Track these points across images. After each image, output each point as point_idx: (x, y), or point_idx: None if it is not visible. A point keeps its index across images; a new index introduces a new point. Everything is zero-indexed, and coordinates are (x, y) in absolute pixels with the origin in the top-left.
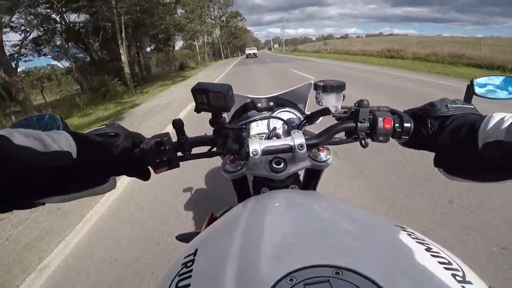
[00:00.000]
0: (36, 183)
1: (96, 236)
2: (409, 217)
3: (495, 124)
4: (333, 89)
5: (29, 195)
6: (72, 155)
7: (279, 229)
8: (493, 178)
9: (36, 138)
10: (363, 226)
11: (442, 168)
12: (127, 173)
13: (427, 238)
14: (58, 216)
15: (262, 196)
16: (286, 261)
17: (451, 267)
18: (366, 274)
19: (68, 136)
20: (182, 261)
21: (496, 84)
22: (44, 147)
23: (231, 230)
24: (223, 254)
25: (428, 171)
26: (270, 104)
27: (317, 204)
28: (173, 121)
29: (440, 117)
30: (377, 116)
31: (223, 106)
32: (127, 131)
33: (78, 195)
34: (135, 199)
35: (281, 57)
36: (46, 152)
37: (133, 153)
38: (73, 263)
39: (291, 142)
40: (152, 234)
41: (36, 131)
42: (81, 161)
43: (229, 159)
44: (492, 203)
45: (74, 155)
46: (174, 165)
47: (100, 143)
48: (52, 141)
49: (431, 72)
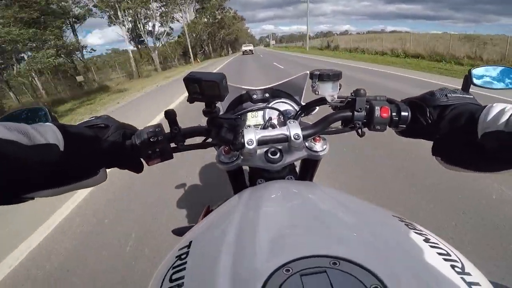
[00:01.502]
0: (24, 177)
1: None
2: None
3: (495, 114)
4: (330, 78)
5: (17, 189)
6: (59, 148)
7: (275, 220)
8: (492, 169)
9: (21, 132)
10: (360, 216)
11: (440, 157)
12: (118, 166)
13: (426, 229)
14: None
15: (258, 187)
16: (282, 251)
17: (450, 258)
18: (364, 264)
19: (54, 129)
20: (176, 254)
21: (494, 74)
22: (30, 140)
23: (226, 222)
24: (217, 246)
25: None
26: (266, 95)
27: (314, 194)
28: (165, 111)
29: (439, 106)
30: (374, 105)
31: (217, 95)
32: (117, 122)
33: (68, 188)
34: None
35: (296, 60)
36: (32, 146)
37: (124, 145)
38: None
39: (287, 131)
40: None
41: (21, 124)
42: (69, 153)
43: (224, 150)
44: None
45: (61, 148)
46: (167, 157)
47: (89, 135)
48: (38, 134)
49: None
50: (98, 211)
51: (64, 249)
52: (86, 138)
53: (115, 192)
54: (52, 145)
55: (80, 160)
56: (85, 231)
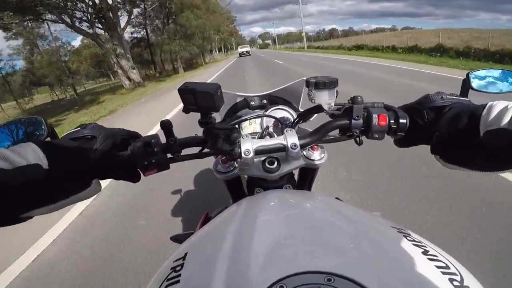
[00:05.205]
0: (15, 199)
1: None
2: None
3: (498, 112)
4: (326, 85)
5: (11, 211)
6: (43, 166)
7: (271, 232)
8: (492, 167)
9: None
10: (358, 228)
11: (439, 156)
12: (113, 177)
13: (425, 240)
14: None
15: (255, 197)
16: (276, 267)
17: (448, 271)
18: (359, 281)
19: (35, 148)
20: (171, 265)
21: (493, 77)
22: (10, 164)
23: (222, 234)
24: (212, 259)
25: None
26: (263, 102)
27: (311, 205)
28: (161, 122)
29: (436, 107)
30: (372, 112)
31: (212, 106)
32: (105, 130)
33: (63, 203)
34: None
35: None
36: (13, 168)
37: (116, 156)
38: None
39: (284, 141)
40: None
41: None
42: (55, 170)
43: (221, 160)
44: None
45: (45, 166)
46: (164, 167)
47: (74, 149)
48: (17, 156)
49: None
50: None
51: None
52: (72, 153)
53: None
54: (34, 165)
55: (68, 175)
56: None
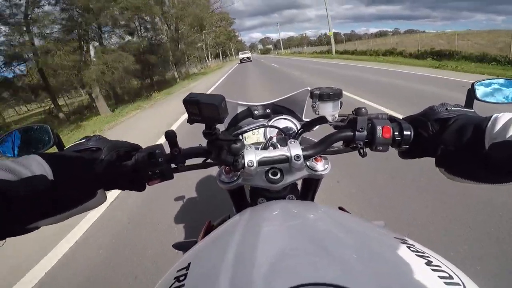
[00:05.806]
0: (21, 210)
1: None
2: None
3: (503, 124)
4: (330, 97)
5: (18, 222)
6: (48, 177)
7: (274, 243)
8: (497, 180)
9: (4, 169)
10: (362, 239)
11: (444, 168)
12: (118, 187)
13: (428, 250)
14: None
15: (258, 207)
16: (280, 278)
17: (452, 281)
18: None
19: (39, 160)
20: (175, 275)
21: (499, 87)
22: (15, 176)
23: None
24: (216, 270)
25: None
26: (267, 111)
27: (314, 216)
28: (165, 132)
29: (440, 119)
30: (376, 124)
31: (216, 117)
32: (109, 142)
33: (69, 214)
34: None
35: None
36: (19, 180)
37: (120, 167)
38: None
39: (288, 152)
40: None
41: (4, 161)
42: (61, 181)
43: (225, 170)
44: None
45: (50, 177)
46: (167, 177)
47: (80, 159)
48: (22, 167)
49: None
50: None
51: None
52: (77, 163)
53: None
54: (39, 176)
55: (74, 186)
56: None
